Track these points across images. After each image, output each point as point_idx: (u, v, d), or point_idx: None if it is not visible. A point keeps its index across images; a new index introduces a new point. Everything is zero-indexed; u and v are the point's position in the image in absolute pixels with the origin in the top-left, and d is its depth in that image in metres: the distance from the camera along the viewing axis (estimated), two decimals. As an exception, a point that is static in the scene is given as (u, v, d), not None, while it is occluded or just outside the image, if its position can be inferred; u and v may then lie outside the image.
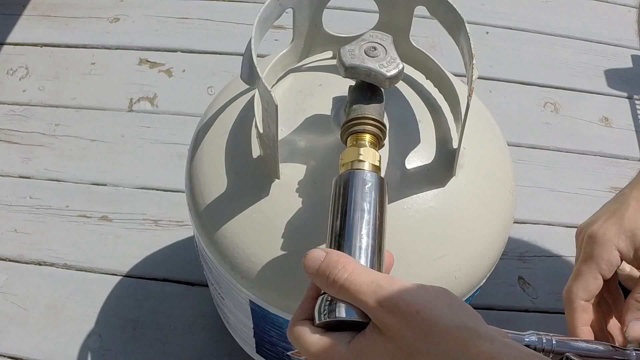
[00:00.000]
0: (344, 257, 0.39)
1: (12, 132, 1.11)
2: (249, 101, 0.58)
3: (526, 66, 1.23)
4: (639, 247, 0.50)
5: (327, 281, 0.38)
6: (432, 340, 0.35)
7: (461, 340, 0.35)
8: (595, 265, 0.50)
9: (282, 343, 0.64)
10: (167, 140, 1.10)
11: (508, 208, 0.57)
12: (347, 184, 0.44)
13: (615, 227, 0.50)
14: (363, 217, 0.42)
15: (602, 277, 0.50)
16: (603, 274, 0.50)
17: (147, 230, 1.01)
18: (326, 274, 0.38)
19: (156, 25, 1.26)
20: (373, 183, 0.44)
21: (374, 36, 0.50)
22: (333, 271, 0.38)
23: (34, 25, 1.26)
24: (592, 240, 0.51)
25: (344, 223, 0.42)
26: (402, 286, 0.36)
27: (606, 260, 0.50)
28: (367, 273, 0.37)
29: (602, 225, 0.51)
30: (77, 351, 0.91)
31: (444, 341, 0.35)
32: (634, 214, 0.50)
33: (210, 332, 0.92)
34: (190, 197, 0.58)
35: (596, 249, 0.51)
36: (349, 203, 0.43)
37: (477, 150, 0.56)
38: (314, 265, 0.39)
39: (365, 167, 0.45)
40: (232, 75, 0.61)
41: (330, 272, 0.38)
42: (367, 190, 0.43)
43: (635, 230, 0.50)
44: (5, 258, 0.98)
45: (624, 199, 0.52)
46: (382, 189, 0.44)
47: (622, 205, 0.52)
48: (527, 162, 1.11)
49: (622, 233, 0.50)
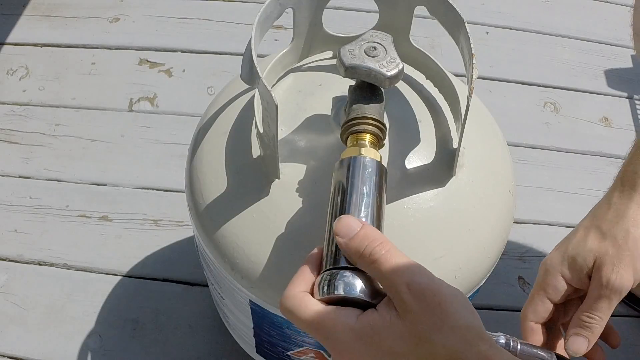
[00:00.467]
0: (381, 235, 0.40)
1: (12, 132, 1.11)
2: (249, 101, 0.58)
3: (526, 66, 1.23)
4: (579, 271, 0.53)
5: (362, 252, 0.39)
6: (444, 332, 0.37)
7: (467, 338, 0.37)
8: (542, 292, 0.55)
9: (282, 343, 0.64)
10: (167, 140, 1.10)
11: (508, 208, 0.57)
12: (348, 167, 0.45)
13: (560, 255, 0.55)
14: (363, 199, 0.43)
15: (551, 301, 0.55)
16: (550, 298, 0.55)
17: (147, 230, 1.01)
18: (363, 244, 0.39)
19: (156, 25, 1.26)
20: (373, 168, 0.45)
21: (374, 36, 0.50)
22: (372, 244, 0.39)
23: (34, 25, 1.26)
24: (542, 268, 0.57)
25: (344, 205, 0.43)
26: (431, 276, 0.39)
27: (552, 286, 0.55)
28: (402, 256, 0.39)
29: (551, 254, 0.56)
30: (77, 351, 0.91)
31: (453, 336, 0.37)
32: (578, 241, 0.54)
33: (210, 332, 0.92)
34: (190, 197, 0.58)
35: (543, 276, 0.56)
36: (350, 186, 0.44)
37: (477, 150, 0.56)
38: (348, 233, 0.40)
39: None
40: (232, 75, 0.61)
41: (368, 245, 0.39)
42: (368, 175, 0.44)
43: (576, 256, 0.54)
44: (5, 258, 0.98)
45: (576, 227, 0.57)
46: (381, 174, 0.45)
47: (572, 234, 0.56)
48: (527, 162, 1.11)
49: (565, 260, 0.55)
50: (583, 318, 0.52)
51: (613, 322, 0.56)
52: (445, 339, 0.37)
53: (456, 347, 0.37)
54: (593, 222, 0.55)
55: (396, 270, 0.38)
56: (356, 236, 0.40)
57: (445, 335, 0.37)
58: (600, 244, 0.53)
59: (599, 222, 0.54)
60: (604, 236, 0.53)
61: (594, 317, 0.52)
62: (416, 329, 0.37)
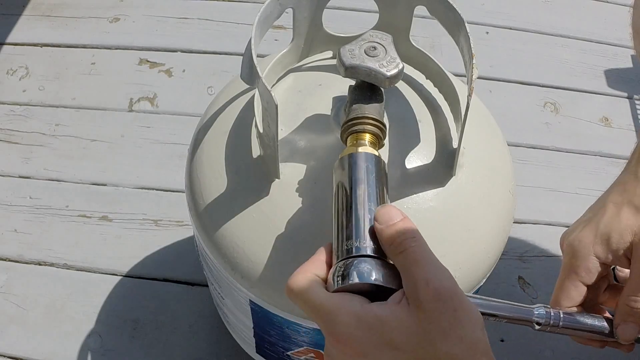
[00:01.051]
0: (417, 231, 0.40)
1: (12, 132, 1.11)
2: (249, 101, 0.58)
3: (526, 66, 1.23)
4: (615, 250, 0.50)
5: (394, 240, 0.39)
6: (451, 339, 0.37)
7: (473, 351, 0.37)
8: (575, 276, 0.52)
9: (282, 343, 0.64)
10: (167, 140, 1.10)
11: (508, 208, 0.57)
12: (350, 162, 0.45)
13: (592, 234, 0.51)
14: (367, 191, 0.44)
15: (584, 284, 0.51)
16: (584, 282, 0.52)
17: (147, 230, 1.01)
18: (398, 234, 0.39)
19: (156, 25, 1.26)
20: (373, 161, 0.45)
21: (374, 36, 0.50)
22: (405, 235, 0.39)
23: (34, 25, 1.26)
24: (570, 250, 0.53)
25: (349, 199, 0.44)
26: (454, 283, 0.38)
27: (584, 268, 0.51)
28: (432, 255, 0.39)
29: (580, 233, 0.52)
30: (77, 351, 0.91)
31: (460, 345, 0.37)
32: (610, 218, 0.51)
33: (210, 332, 0.92)
34: (190, 197, 0.58)
35: (574, 259, 0.52)
36: (352, 180, 0.44)
37: (477, 150, 0.56)
38: (388, 221, 0.40)
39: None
40: (232, 75, 0.61)
41: (402, 235, 0.39)
42: (370, 167, 0.45)
43: (611, 233, 0.50)
44: (5, 258, 0.98)
45: (602, 203, 0.53)
46: (381, 166, 0.46)
47: (600, 211, 0.52)
48: (527, 162, 1.11)
49: (597, 239, 0.51)
50: (630, 303, 0.49)
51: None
52: (450, 346, 0.36)
53: (460, 357, 0.36)
54: (624, 197, 0.51)
55: (421, 264, 0.38)
56: (394, 225, 0.40)
57: (452, 342, 0.36)
58: (637, 219, 0.49)
59: (631, 197, 0.51)
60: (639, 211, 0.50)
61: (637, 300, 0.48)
62: (425, 329, 0.37)
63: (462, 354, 0.36)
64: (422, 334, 0.37)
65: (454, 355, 0.36)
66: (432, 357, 0.37)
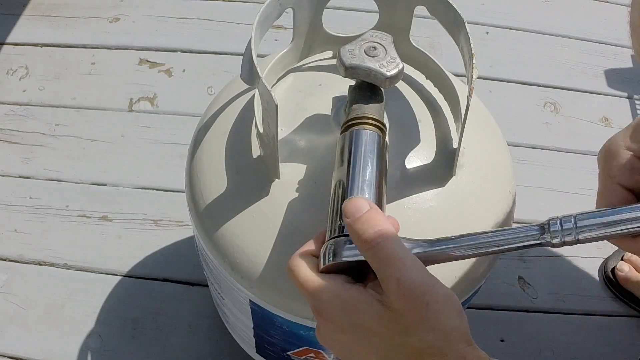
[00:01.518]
0: (385, 222, 0.39)
1: (12, 132, 1.11)
2: (249, 101, 0.58)
3: (526, 66, 1.23)
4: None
5: (361, 236, 0.39)
6: (425, 329, 0.37)
7: (449, 338, 0.37)
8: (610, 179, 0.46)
9: (282, 343, 0.64)
10: (167, 140, 1.10)
11: (508, 208, 0.57)
12: (351, 138, 0.46)
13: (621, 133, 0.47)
14: (366, 167, 0.44)
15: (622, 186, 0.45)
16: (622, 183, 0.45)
17: (147, 230, 1.01)
18: (364, 228, 0.39)
19: (156, 25, 1.26)
20: (375, 139, 0.46)
21: (374, 36, 0.50)
22: (372, 229, 0.38)
23: (34, 25, 1.26)
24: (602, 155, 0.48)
25: (348, 174, 0.44)
26: (425, 274, 0.38)
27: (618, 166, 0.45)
28: (400, 248, 0.38)
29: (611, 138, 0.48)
30: (77, 351, 0.91)
31: (433, 334, 0.37)
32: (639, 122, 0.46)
33: (210, 332, 0.92)
34: (190, 197, 0.58)
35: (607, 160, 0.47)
36: (353, 155, 0.45)
37: (477, 150, 0.56)
38: (355, 214, 0.40)
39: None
40: (232, 75, 0.61)
41: (368, 229, 0.38)
42: (370, 144, 0.45)
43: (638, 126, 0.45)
44: (5, 258, 0.98)
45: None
46: (382, 144, 0.46)
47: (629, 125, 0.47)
48: (527, 162, 1.11)
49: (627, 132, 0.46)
50: None
51: (613, 322, 0.55)
52: (423, 335, 0.37)
53: (433, 342, 0.37)
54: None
55: (389, 263, 0.38)
56: (360, 218, 0.39)
57: (425, 333, 0.37)
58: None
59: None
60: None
61: None
62: (396, 324, 0.38)
63: (436, 340, 0.37)
64: (394, 326, 0.38)
65: (428, 341, 0.37)
66: (406, 344, 0.38)
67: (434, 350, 0.37)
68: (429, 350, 0.37)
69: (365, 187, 0.44)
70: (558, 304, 0.97)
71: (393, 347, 0.38)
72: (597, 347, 0.93)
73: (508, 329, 0.95)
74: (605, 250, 1.01)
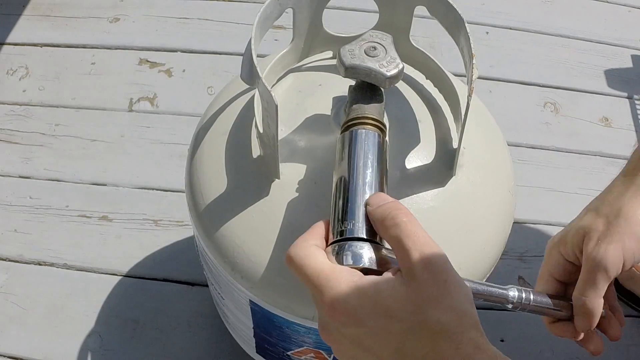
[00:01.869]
0: (407, 209, 0.41)
1: (12, 132, 1.11)
2: (249, 101, 0.58)
3: (526, 66, 1.23)
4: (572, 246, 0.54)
5: (386, 216, 0.40)
6: (442, 308, 0.38)
7: (462, 321, 0.38)
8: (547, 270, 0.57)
9: (282, 343, 0.64)
10: (167, 140, 1.10)
11: (508, 208, 0.57)
12: (351, 138, 0.46)
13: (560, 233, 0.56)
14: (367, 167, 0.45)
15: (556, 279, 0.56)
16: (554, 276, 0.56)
17: (147, 230, 1.01)
18: (389, 210, 0.41)
19: (156, 25, 1.26)
20: (375, 139, 0.46)
21: (374, 36, 0.50)
22: (397, 212, 0.40)
23: (34, 25, 1.26)
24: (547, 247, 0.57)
25: (348, 174, 0.44)
26: (446, 258, 0.40)
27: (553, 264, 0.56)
28: (424, 231, 0.40)
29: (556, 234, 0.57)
30: (77, 351, 0.91)
31: (449, 314, 0.38)
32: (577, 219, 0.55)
33: (210, 332, 0.92)
34: (190, 197, 0.58)
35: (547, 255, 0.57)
36: (353, 155, 0.45)
37: (477, 150, 0.56)
38: (379, 202, 0.42)
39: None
40: (232, 75, 0.61)
41: (394, 211, 0.40)
42: (370, 144, 0.46)
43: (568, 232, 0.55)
44: (5, 258, 0.98)
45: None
46: (382, 143, 0.47)
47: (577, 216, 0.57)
48: (527, 162, 1.11)
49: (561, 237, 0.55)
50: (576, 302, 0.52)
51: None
52: (440, 314, 0.37)
53: (449, 325, 0.37)
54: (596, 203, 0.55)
55: (414, 237, 0.39)
56: (386, 204, 0.41)
57: (442, 311, 0.38)
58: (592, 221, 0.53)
59: (599, 204, 0.54)
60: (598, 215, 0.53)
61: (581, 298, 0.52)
62: (417, 297, 0.38)
63: (451, 322, 0.38)
64: (414, 301, 0.38)
65: (444, 323, 0.37)
66: (423, 324, 0.38)
67: (449, 334, 0.37)
68: (443, 334, 0.37)
69: (367, 187, 0.44)
70: (558, 304, 0.97)
71: (409, 331, 0.38)
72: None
73: (508, 329, 0.95)
74: (605, 250, 1.01)
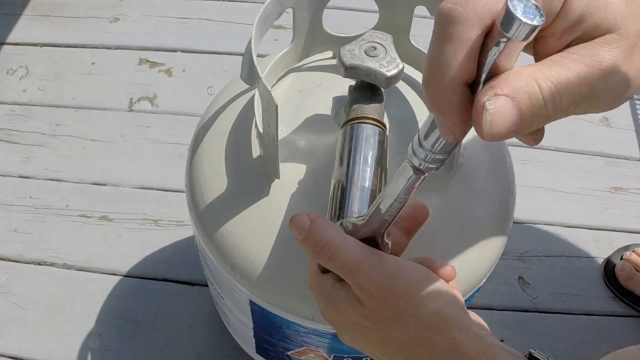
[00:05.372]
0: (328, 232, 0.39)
1: (12, 132, 1.11)
2: (249, 101, 0.58)
3: (526, 66, 1.23)
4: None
5: (314, 251, 0.39)
6: (404, 321, 0.37)
7: (433, 324, 0.37)
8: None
9: (282, 343, 0.64)
10: (167, 140, 1.10)
11: (508, 208, 0.57)
12: (352, 132, 0.46)
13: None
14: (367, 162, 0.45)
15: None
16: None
17: (147, 230, 1.01)
18: (312, 243, 0.39)
19: (156, 25, 1.26)
20: (375, 134, 0.46)
21: (374, 36, 0.50)
22: (319, 245, 0.39)
23: (34, 25, 1.26)
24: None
25: (348, 167, 0.44)
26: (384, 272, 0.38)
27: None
28: (352, 252, 0.38)
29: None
30: (77, 351, 0.91)
31: (414, 324, 0.37)
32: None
33: (210, 332, 0.92)
34: (190, 197, 0.58)
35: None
36: (353, 150, 0.45)
37: (477, 150, 0.56)
38: (301, 232, 0.40)
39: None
40: (232, 75, 0.61)
41: (316, 245, 0.39)
42: (370, 138, 0.46)
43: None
44: (5, 258, 0.98)
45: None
46: (382, 139, 0.46)
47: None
48: (527, 162, 1.11)
49: None
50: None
51: (613, 322, 0.56)
52: (405, 326, 0.37)
53: (418, 334, 0.37)
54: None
55: (345, 271, 0.38)
56: (306, 236, 0.40)
57: (406, 323, 0.37)
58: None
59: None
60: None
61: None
62: (375, 317, 0.38)
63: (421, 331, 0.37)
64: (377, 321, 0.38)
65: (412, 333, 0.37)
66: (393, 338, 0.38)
67: (420, 340, 0.37)
68: (415, 341, 0.37)
69: (366, 183, 0.44)
70: (558, 304, 0.97)
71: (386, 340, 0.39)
72: (597, 347, 0.92)
73: (508, 329, 0.95)
74: (605, 250, 1.01)
